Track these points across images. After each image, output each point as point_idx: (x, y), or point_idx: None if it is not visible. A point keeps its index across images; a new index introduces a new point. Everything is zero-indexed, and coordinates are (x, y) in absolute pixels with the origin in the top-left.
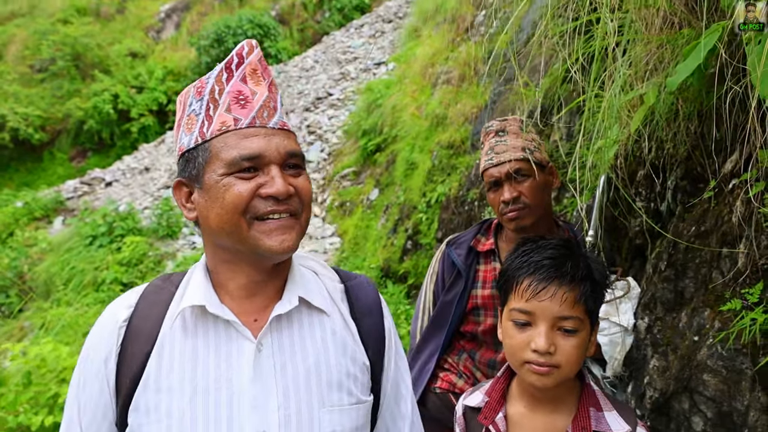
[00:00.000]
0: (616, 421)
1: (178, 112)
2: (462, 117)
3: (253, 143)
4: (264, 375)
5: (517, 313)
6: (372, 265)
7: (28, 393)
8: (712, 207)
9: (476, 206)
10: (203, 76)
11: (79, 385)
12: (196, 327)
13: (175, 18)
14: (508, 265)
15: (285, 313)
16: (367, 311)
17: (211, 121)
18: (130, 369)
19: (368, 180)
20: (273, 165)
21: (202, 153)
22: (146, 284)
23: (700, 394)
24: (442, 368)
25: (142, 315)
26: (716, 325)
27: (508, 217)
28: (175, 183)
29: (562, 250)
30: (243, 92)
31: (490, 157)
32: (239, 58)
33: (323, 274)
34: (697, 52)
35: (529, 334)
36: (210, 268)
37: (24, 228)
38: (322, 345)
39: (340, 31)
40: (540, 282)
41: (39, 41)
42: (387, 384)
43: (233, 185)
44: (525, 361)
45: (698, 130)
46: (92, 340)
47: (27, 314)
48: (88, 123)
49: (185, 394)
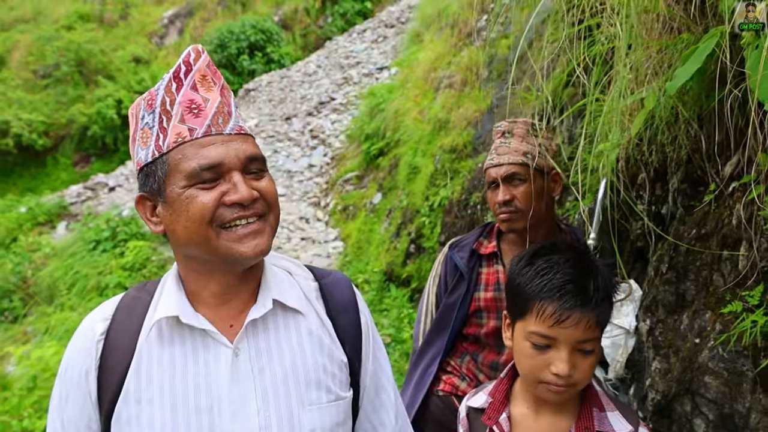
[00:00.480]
0: (619, 421)
1: (131, 125)
2: (464, 121)
3: (211, 152)
4: (242, 380)
5: (537, 336)
6: (375, 269)
7: (32, 397)
8: (712, 210)
9: (479, 210)
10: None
11: (60, 399)
12: (172, 337)
13: (178, 24)
14: (524, 283)
15: (260, 317)
16: (342, 308)
17: (165, 134)
18: (111, 382)
19: (371, 184)
20: (234, 171)
21: (161, 166)
22: (122, 294)
23: (701, 396)
24: (445, 371)
25: (119, 327)
26: (717, 328)
27: (500, 218)
28: (137, 198)
29: (580, 266)
30: (195, 101)
31: (492, 157)
32: (186, 66)
33: (297, 273)
34: (696, 57)
35: (549, 356)
36: (182, 276)
37: (27, 233)
38: (298, 346)
39: (342, 36)
40: (565, 310)
41: (43, 47)
42: (366, 377)
43: (196, 197)
44: (543, 381)
45: (698, 134)
46: (71, 354)
47: (30, 319)
48: (91, 128)
49: (165, 404)
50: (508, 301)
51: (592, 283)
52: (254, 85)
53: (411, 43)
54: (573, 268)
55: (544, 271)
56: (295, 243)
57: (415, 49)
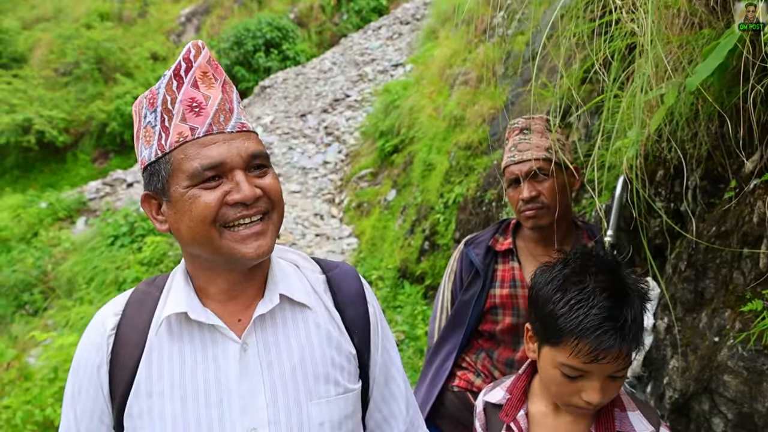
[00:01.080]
0: (640, 421)
1: (134, 123)
2: (479, 118)
3: (213, 151)
4: (251, 374)
5: (569, 369)
6: (389, 265)
7: (53, 388)
8: (732, 207)
9: (494, 207)
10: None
11: (73, 394)
12: (181, 332)
13: (196, 21)
14: (557, 313)
15: (268, 312)
16: (350, 300)
17: (168, 133)
18: (122, 376)
19: (385, 181)
20: (237, 170)
21: (164, 166)
22: (132, 290)
23: (720, 395)
24: (460, 367)
25: (130, 323)
26: (737, 326)
27: (525, 215)
28: (143, 196)
29: (615, 294)
30: (196, 98)
31: (512, 154)
32: (187, 63)
33: (304, 266)
34: (718, 52)
35: (580, 385)
36: (190, 273)
37: (48, 228)
38: (306, 339)
39: (357, 33)
40: (603, 350)
41: (63, 45)
42: (375, 368)
43: (199, 197)
44: (573, 404)
45: (719, 130)
46: (82, 349)
47: (51, 312)
48: (110, 125)
49: (176, 398)
50: (534, 321)
51: (628, 315)
52: (270, 82)
53: (426, 40)
54: (608, 299)
55: (580, 305)
56: (310, 239)
57: (430, 45)
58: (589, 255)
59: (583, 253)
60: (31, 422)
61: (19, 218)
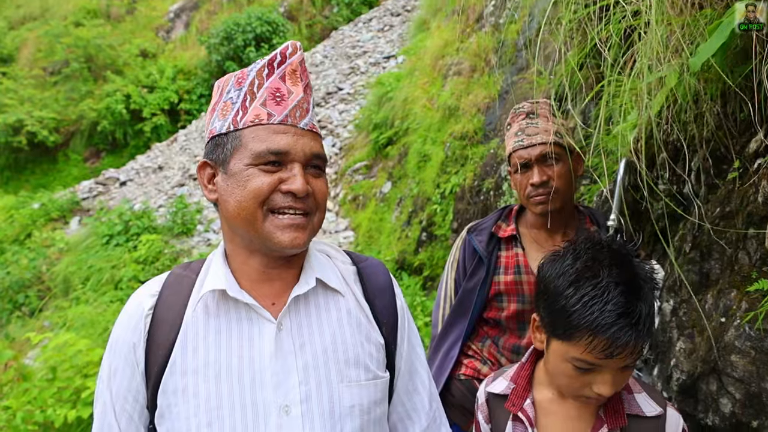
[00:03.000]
0: (647, 402)
1: (214, 97)
2: (474, 107)
3: (281, 139)
4: (284, 353)
5: (582, 362)
6: (387, 257)
7: (51, 388)
8: (736, 188)
9: (492, 196)
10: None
11: (109, 372)
12: (218, 311)
13: (184, 17)
14: (570, 308)
15: (302, 295)
16: (379, 292)
17: (245, 112)
18: (158, 355)
19: (380, 173)
20: (297, 163)
21: (232, 140)
22: (167, 273)
23: (728, 375)
24: (466, 355)
25: (166, 303)
26: (743, 306)
27: (535, 200)
28: (201, 163)
29: (628, 288)
30: (280, 90)
31: (520, 138)
32: (282, 57)
33: (336, 257)
34: (721, 31)
35: (591, 378)
36: (228, 253)
37: (41, 229)
38: (338, 324)
39: (348, 25)
40: (618, 346)
41: (52, 44)
42: (401, 361)
43: (256, 176)
44: (584, 396)
45: (722, 111)
46: (119, 329)
47: (47, 313)
48: (101, 124)
49: (210, 375)
50: (544, 314)
51: (642, 309)
52: None
53: (418, 31)
54: (623, 295)
55: (594, 301)
56: None
57: (422, 36)
58: (600, 246)
59: (594, 243)
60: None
61: (11, 219)
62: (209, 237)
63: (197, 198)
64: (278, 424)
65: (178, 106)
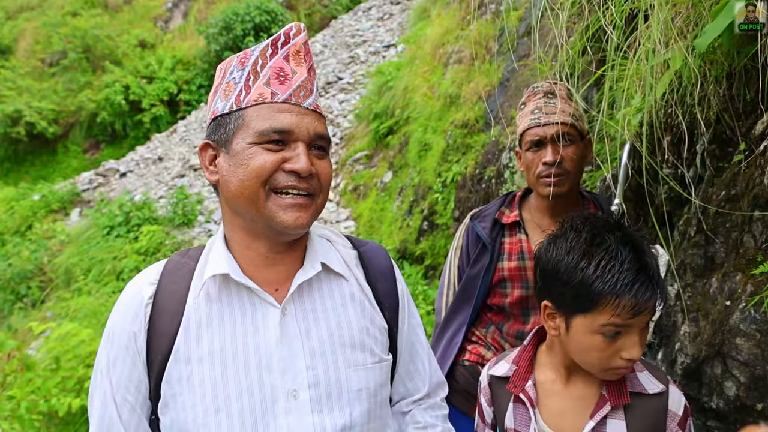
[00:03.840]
0: (649, 380)
1: (216, 78)
2: (475, 95)
3: (285, 118)
4: (290, 338)
5: (611, 327)
6: (388, 246)
7: (55, 378)
8: (742, 170)
9: (493, 184)
10: (214, 64)
11: (108, 363)
12: (220, 296)
13: (183, 7)
14: (589, 279)
15: (306, 281)
16: (381, 275)
17: (249, 91)
18: (160, 344)
19: (381, 163)
20: (300, 142)
21: (235, 120)
22: (165, 260)
23: (732, 358)
24: (470, 341)
25: (167, 291)
26: (749, 289)
27: (545, 180)
28: (202, 144)
29: (637, 250)
30: (284, 69)
31: (537, 116)
32: (286, 38)
33: (336, 241)
34: (727, 11)
35: (620, 343)
36: (228, 238)
37: (42, 221)
38: (342, 308)
39: (347, 14)
40: (643, 302)
41: (49, 34)
42: (402, 344)
43: (259, 154)
44: (613, 367)
45: (727, 93)
46: (117, 318)
47: (49, 304)
48: (100, 115)
49: (216, 362)
50: (559, 296)
51: (653, 262)
52: None
53: (418, 19)
54: (633, 252)
55: (611, 266)
56: None
57: (422, 24)
58: (593, 217)
59: (587, 217)
60: (36, 412)
61: (12, 211)
62: (210, 228)
63: (197, 189)
64: (286, 409)
65: (178, 97)
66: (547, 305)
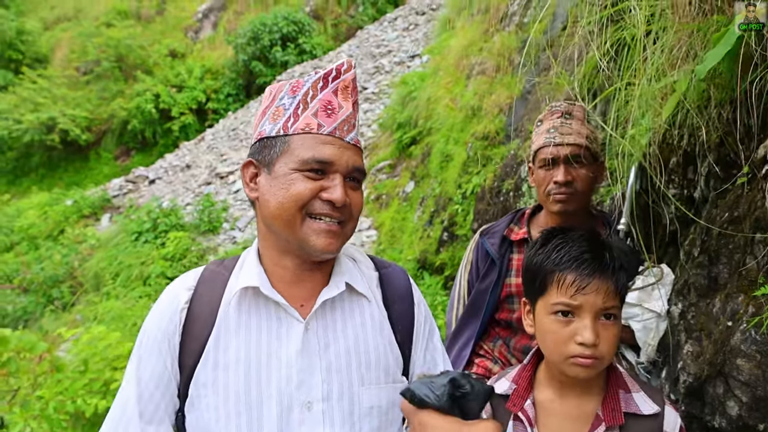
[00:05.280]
0: (645, 401)
1: (265, 101)
2: (497, 108)
3: (327, 150)
4: (310, 352)
5: (560, 306)
6: (408, 256)
7: (83, 380)
8: (745, 193)
9: (511, 197)
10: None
11: (139, 362)
12: (249, 307)
13: (213, 17)
14: (542, 259)
15: (330, 298)
16: (398, 298)
17: (297, 119)
18: (192, 348)
19: (404, 173)
20: (338, 174)
21: (280, 144)
22: (202, 268)
23: (734, 378)
24: (478, 354)
25: (202, 298)
26: (750, 311)
27: (555, 198)
28: (246, 162)
29: (596, 242)
30: (332, 103)
31: (552, 135)
32: (337, 73)
33: (361, 261)
34: (727, 39)
35: (573, 327)
36: (261, 252)
37: (74, 225)
38: (362, 327)
39: (373, 24)
40: (585, 277)
41: (84, 44)
42: (414, 367)
43: (299, 181)
44: (570, 355)
45: (731, 117)
46: (154, 319)
47: (79, 308)
48: (131, 122)
49: (240, 370)
50: (526, 285)
51: (607, 253)
52: (287, 77)
53: (442, 30)
54: (587, 241)
55: (560, 246)
56: None
57: (446, 35)
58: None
59: (566, 227)
60: (63, 413)
61: (45, 216)
62: (234, 235)
63: (223, 196)
64: (300, 420)
65: (206, 106)
66: (525, 302)
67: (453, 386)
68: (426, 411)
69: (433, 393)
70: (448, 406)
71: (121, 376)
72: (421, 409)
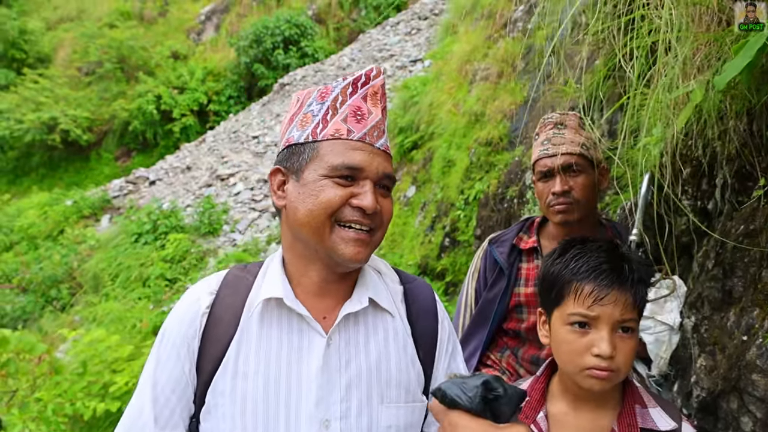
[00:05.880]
0: (662, 417)
1: (292, 108)
2: (500, 114)
3: (358, 156)
4: (330, 369)
5: (577, 317)
6: (409, 262)
7: (82, 382)
8: (761, 206)
9: (515, 204)
10: (243, 76)
11: (157, 364)
12: (272, 318)
13: (215, 20)
14: (559, 270)
15: (353, 312)
16: (423, 314)
17: (326, 125)
18: (212, 354)
19: (405, 177)
20: (369, 180)
21: (309, 150)
22: (225, 272)
23: (749, 394)
24: (485, 365)
25: (224, 303)
26: (766, 325)
27: (555, 209)
28: (273, 169)
29: (615, 253)
30: (361, 108)
31: (546, 147)
32: (366, 78)
33: (386, 274)
34: (747, 51)
35: (590, 339)
36: (286, 260)
37: (73, 226)
38: (384, 345)
39: (376, 29)
40: (603, 288)
41: (86, 45)
42: (436, 383)
43: (329, 187)
44: (585, 367)
45: (748, 128)
46: (174, 322)
47: (77, 308)
48: (132, 123)
49: (259, 381)
50: (542, 295)
51: (626, 265)
52: (289, 80)
53: (445, 35)
54: (606, 252)
55: (578, 256)
56: None
57: (449, 40)
58: (591, 237)
59: (584, 237)
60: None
61: (45, 216)
62: (235, 237)
63: (224, 198)
64: None
65: (207, 107)
66: (541, 312)
67: (486, 389)
68: (457, 412)
69: (465, 394)
70: (480, 409)
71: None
72: (451, 409)
